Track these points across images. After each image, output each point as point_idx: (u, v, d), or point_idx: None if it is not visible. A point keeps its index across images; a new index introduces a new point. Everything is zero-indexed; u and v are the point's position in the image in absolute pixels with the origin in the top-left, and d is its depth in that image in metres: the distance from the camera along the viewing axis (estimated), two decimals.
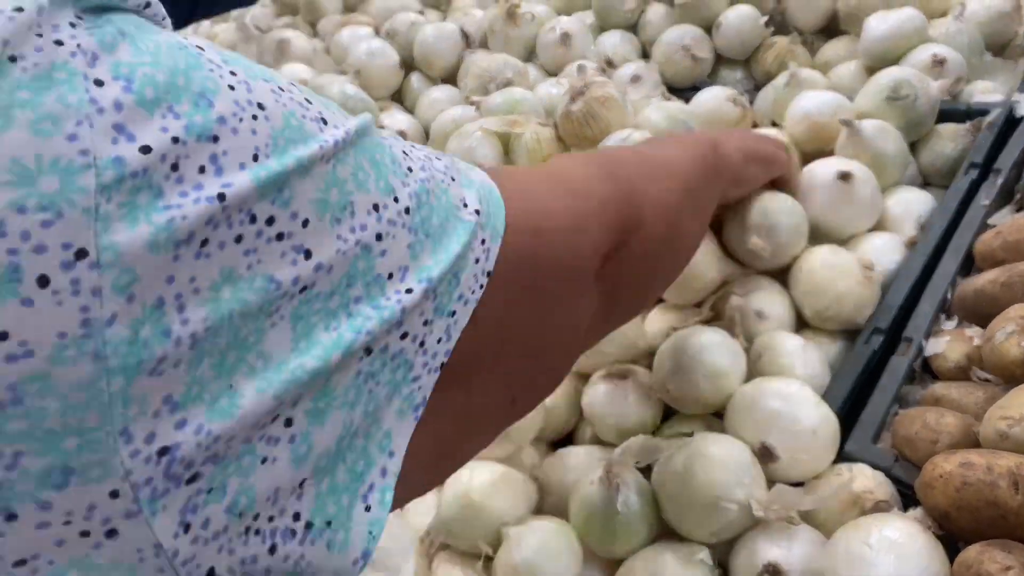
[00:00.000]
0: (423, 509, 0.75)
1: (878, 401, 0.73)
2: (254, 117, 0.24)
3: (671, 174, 0.55)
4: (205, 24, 1.90)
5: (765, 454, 0.67)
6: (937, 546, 0.59)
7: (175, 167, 0.22)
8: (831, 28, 1.22)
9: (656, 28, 1.27)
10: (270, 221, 0.24)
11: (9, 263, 0.19)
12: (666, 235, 0.53)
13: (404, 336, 0.28)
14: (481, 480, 0.70)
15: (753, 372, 0.75)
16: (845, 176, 0.85)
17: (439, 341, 0.30)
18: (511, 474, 0.72)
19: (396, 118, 1.26)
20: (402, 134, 1.21)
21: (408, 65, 1.37)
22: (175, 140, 0.22)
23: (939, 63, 1.01)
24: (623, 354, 0.78)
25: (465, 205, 0.33)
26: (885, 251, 0.86)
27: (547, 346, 0.41)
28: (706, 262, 0.81)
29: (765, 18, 1.20)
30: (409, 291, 0.28)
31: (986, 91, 1.03)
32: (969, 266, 0.85)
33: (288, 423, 0.25)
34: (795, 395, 0.68)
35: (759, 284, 0.83)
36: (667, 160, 0.57)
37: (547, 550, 0.65)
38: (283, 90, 0.27)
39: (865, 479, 0.66)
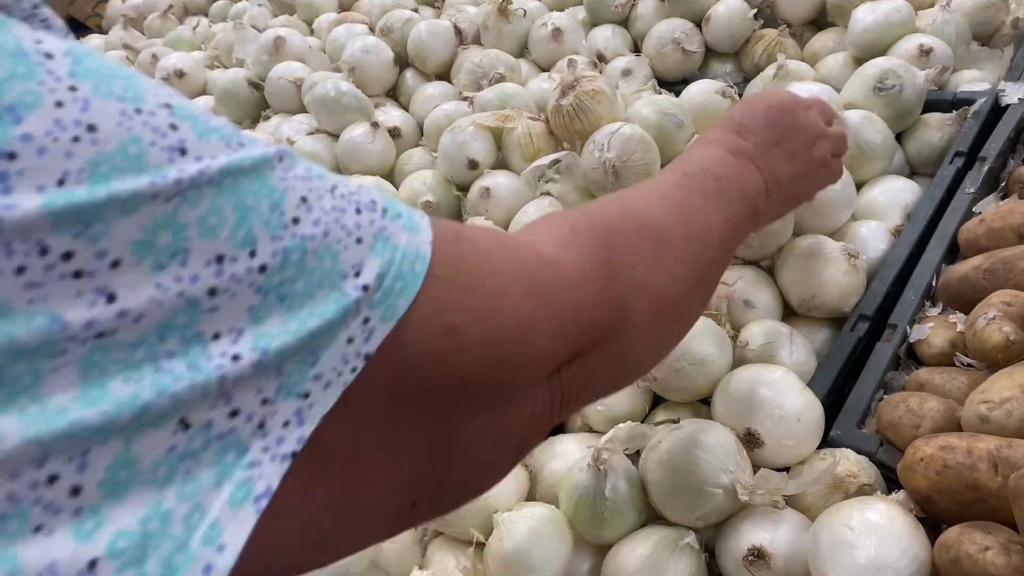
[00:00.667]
0: None
1: (863, 387, 0.74)
2: (75, 139, 0.22)
3: (687, 250, 0.45)
4: (204, 23, 1.91)
5: (750, 440, 0.68)
6: (918, 528, 0.60)
7: None
8: (819, 20, 1.23)
9: (647, 22, 1.28)
10: (67, 256, 0.22)
11: None
12: (656, 331, 0.44)
13: (234, 414, 0.25)
14: None
15: (740, 360, 0.76)
16: None
17: (286, 425, 0.26)
18: None
19: (390, 114, 1.27)
20: (396, 130, 1.22)
21: (402, 61, 1.38)
22: None
23: (925, 53, 1.02)
24: None
25: (356, 275, 0.28)
26: (871, 239, 0.87)
27: (459, 457, 0.35)
28: None
29: (754, 11, 1.21)
30: (236, 358, 0.24)
31: (973, 80, 1.04)
32: (954, 253, 0.86)
33: (76, 491, 0.22)
34: (780, 382, 0.69)
35: (746, 273, 0.84)
36: (693, 226, 0.47)
37: (537, 536, 0.66)
38: (141, 112, 0.24)
39: (849, 463, 0.67)
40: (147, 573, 0.23)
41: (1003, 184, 0.91)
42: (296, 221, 0.27)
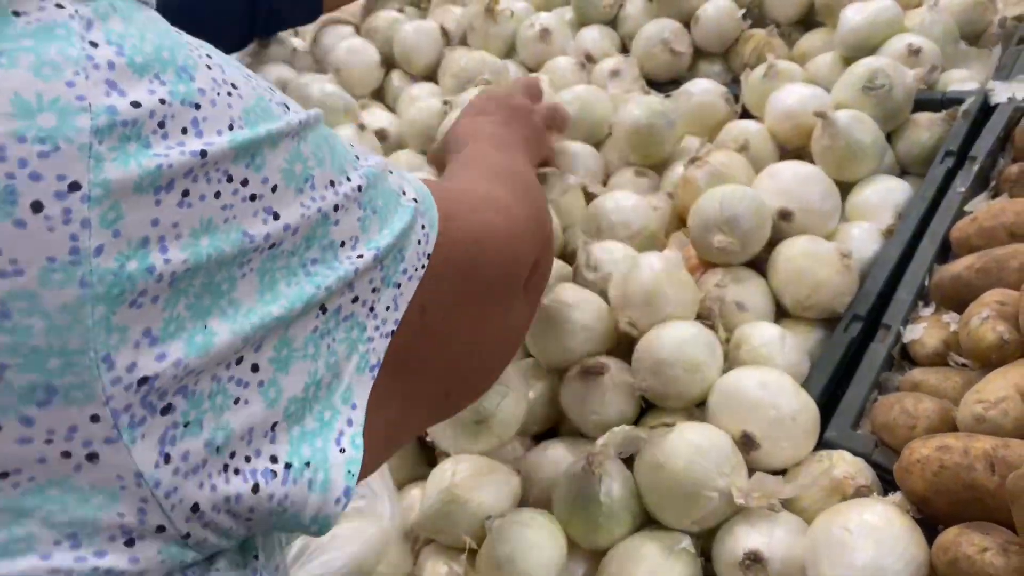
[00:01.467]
0: (407, 504, 0.75)
1: (857, 388, 0.74)
2: (229, 94, 0.28)
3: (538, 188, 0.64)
4: None
5: (746, 442, 0.67)
6: (916, 530, 0.59)
7: (162, 124, 0.25)
8: (808, 20, 1.23)
9: (635, 23, 1.27)
10: (244, 183, 0.27)
11: (6, 186, 0.21)
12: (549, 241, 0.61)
13: (355, 300, 0.32)
14: (464, 474, 0.70)
15: (733, 363, 0.75)
16: (785, 215, 0.85)
17: (387, 309, 0.34)
18: (494, 467, 0.72)
19: (377, 116, 1.25)
20: (382, 132, 1.21)
21: (389, 63, 1.37)
22: (162, 101, 0.25)
23: (914, 52, 1.01)
24: (594, 347, 0.78)
25: (404, 193, 0.37)
26: (863, 240, 0.86)
27: (485, 347, 0.46)
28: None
29: (742, 11, 1.20)
30: (360, 256, 0.32)
31: (961, 80, 1.04)
32: (946, 253, 0.85)
33: (255, 368, 0.27)
34: (774, 383, 0.68)
35: (738, 275, 0.83)
36: (530, 177, 0.65)
37: (530, 542, 0.65)
38: (251, 77, 0.31)
39: (846, 465, 0.67)
40: (307, 427, 0.29)
41: (993, 183, 0.91)
42: (358, 157, 0.35)
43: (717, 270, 0.84)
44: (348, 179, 0.32)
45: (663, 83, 1.22)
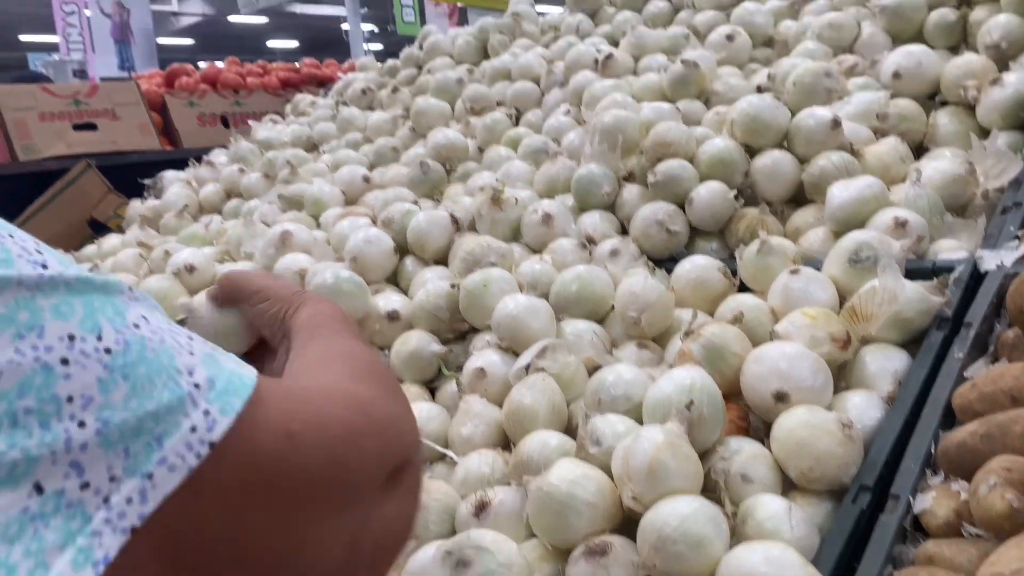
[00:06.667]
0: None
1: (870, 563, 0.71)
2: None
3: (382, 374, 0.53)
4: (216, 220, 2.00)
5: None
6: None
7: None
8: (798, 197, 1.29)
9: (632, 206, 1.34)
10: None
11: None
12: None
13: (85, 487, 0.29)
14: None
15: (740, 537, 0.73)
16: (781, 397, 0.85)
17: (129, 502, 0.30)
18: None
19: (390, 299, 1.30)
20: (394, 313, 1.25)
21: (403, 249, 1.44)
22: None
23: (901, 225, 1.06)
24: (599, 524, 0.76)
25: (190, 374, 0.33)
26: (864, 408, 0.86)
27: (311, 562, 0.38)
28: None
29: (734, 192, 1.27)
30: (82, 424, 0.29)
31: (950, 249, 1.07)
32: (950, 420, 0.85)
33: None
34: (780, 559, 0.66)
35: (742, 446, 0.82)
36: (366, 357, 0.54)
37: None
38: (14, 237, 0.31)
39: None
40: None
41: (992, 348, 0.91)
42: (137, 325, 0.32)
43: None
44: (99, 337, 0.30)
45: (662, 260, 1.26)
